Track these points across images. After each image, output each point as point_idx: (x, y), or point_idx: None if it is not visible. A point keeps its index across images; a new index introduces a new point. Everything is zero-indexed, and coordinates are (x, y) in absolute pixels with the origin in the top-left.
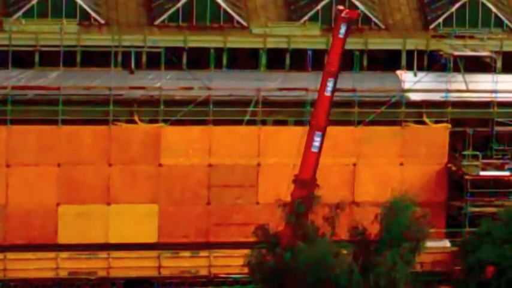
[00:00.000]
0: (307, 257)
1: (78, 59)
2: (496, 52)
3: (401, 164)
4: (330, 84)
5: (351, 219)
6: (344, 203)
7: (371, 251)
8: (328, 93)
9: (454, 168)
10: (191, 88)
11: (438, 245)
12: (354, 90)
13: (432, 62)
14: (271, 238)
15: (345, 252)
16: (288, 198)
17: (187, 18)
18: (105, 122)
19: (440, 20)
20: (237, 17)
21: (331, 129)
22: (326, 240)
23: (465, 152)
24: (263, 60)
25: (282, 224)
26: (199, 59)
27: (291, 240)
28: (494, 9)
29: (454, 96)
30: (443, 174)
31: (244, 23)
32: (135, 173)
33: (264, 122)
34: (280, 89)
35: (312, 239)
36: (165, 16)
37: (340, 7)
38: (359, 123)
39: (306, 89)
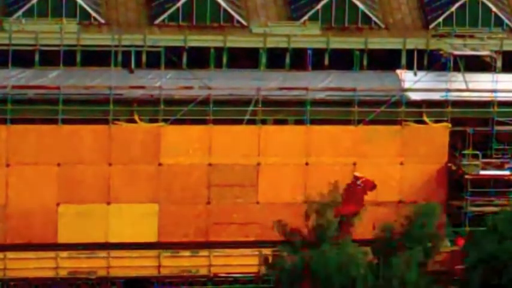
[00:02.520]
0: (330, 259)
1: (78, 58)
2: (496, 51)
3: (401, 164)
4: None
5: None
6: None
7: (387, 252)
8: None
9: (454, 167)
10: (191, 87)
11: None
12: (354, 90)
13: (432, 62)
14: (290, 237)
15: (362, 254)
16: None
17: (187, 17)
18: (105, 122)
19: (440, 19)
20: (237, 17)
21: (331, 129)
22: (350, 243)
23: (465, 152)
24: (263, 59)
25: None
26: (199, 59)
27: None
28: (494, 8)
29: (454, 96)
30: (443, 173)
31: (244, 23)
32: (135, 172)
33: (264, 122)
34: (280, 89)
35: (334, 242)
36: (165, 15)
37: (357, 174)
38: (359, 122)
39: (306, 89)
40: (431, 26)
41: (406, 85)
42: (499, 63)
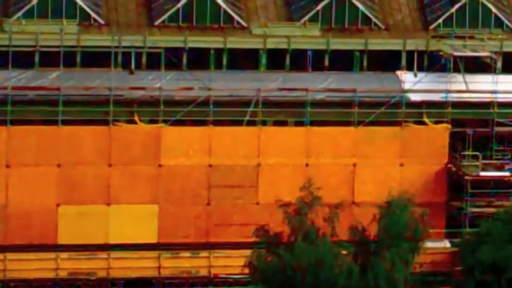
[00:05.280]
0: (307, 257)
1: (78, 59)
2: (496, 52)
3: (401, 165)
4: None
5: (351, 220)
6: (344, 203)
7: (370, 251)
8: None
9: (454, 168)
10: (191, 88)
11: (438, 245)
12: (354, 91)
13: (432, 63)
14: (271, 238)
15: (345, 252)
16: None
17: (187, 18)
18: (105, 122)
19: (440, 20)
20: (237, 18)
21: (331, 129)
22: (326, 240)
23: (465, 153)
24: (263, 60)
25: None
26: (199, 60)
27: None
28: (494, 9)
29: (454, 97)
30: (443, 174)
31: (244, 24)
32: (135, 173)
33: (264, 123)
34: (281, 90)
35: (312, 239)
36: (165, 16)
37: None
38: (359, 123)
39: (306, 89)
40: (431, 27)
41: (406, 86)
42: (499, 64)
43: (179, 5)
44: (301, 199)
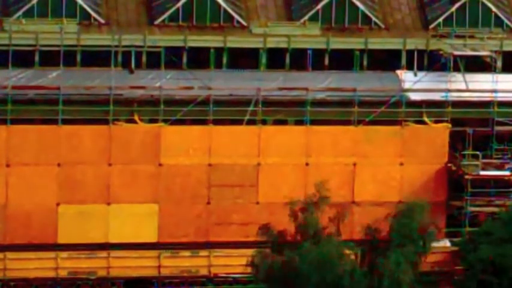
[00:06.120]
0: (312, 257)
1: (78, 58)
2: (496, 52)
3: (401, 164)
4: None
5: (351, 219)
6: (348, 204)
7: (379, 251)
8: None
9: (454, 167)
10: (191, 88)
11: (438, 244)
12: (354, 90)
13: (432, 62)
14: (276, 238)
15: (348, 252)
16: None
17: (187, 17)
18: (105, 122)
19: (440, 19)
20: (237, 17)
21: (331, 129)
22: (331, 240)
23: (465, 152)
24: (263, 59)
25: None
26: (199, 59)
27: None
28: (494, 8)
29: (454, 96)
30: (443, 173)
31: (244, 23)
32: (135, 172)
33: (264, 122)
34: (281, 89)
35: (317, 239)
36: (165, 16)
37: None
38: (359, 123)
39: (306, 89)
40: (431, 26)
41: (406, 85)
42: (499, 64)
43: (179, 4)
44: (308, 198)
